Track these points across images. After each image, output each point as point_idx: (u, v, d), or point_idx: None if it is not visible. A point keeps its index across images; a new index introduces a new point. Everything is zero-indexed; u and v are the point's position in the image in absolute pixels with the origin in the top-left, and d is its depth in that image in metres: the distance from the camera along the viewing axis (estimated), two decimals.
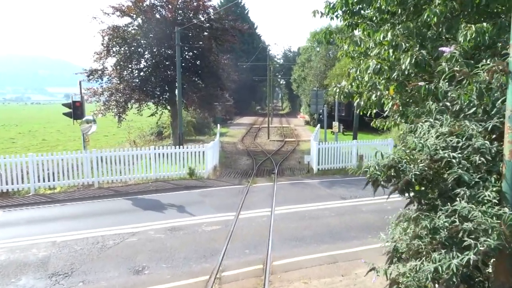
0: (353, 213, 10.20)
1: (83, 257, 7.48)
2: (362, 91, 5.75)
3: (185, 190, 12.82)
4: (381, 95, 5.12)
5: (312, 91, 26.04)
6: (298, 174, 15.91)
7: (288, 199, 11.53)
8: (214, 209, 10.52)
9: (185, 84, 20.83)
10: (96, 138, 33.62)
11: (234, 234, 8.59)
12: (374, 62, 4.45)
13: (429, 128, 3.75)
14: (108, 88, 19.49)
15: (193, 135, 29.19)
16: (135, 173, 13.71)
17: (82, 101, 13.01)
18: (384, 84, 4.72)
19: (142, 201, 11.61)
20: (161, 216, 10.04)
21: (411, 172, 3.37)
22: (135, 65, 21.58)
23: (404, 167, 3.44)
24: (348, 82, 5.94)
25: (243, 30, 23.80)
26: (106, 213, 10.37)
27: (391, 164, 3.51)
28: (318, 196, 12.02)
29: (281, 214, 10.08)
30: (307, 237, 8.45)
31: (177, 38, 17.82)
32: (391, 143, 17.09)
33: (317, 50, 44.01)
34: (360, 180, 14.81)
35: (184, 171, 14.26)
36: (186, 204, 11.11)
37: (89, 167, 12.96)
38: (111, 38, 20.41)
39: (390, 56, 4.43)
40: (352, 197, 11.80)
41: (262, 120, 52.53)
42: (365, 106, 5.57)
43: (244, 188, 12.91)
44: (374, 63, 4.45)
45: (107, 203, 11.38)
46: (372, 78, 4.85)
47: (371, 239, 8.36)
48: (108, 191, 12.54)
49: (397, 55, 4.36)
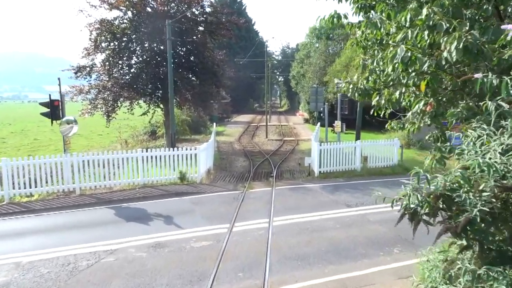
0: (360, 224, 9.12)
1: (49, 283, 6.37)
2: (379, 87, 4.66)
3: (175, 197, 11.71)
4: (407, 92, 4.02)
5: (312, 88, 24.91)
6: (298, 177, 14.81)
7: (288, 207, 10.44)
8: (206, 220, 9.43)
9: (178, 81, 19.70)
10: (90, 137, 32.53)
11: (227, 252, 7.50)
12: (403, 49, 3.35)
13: (486, 137, 2.67)
14: (95, 86, 18.31)
15: (188, 135, 28.03)
16: (121, 178, 12.59)
17: (61, 100, 11.89)
18: (414, 77, 3.61)
19: (127, 210, 10.50)
20: (146, 229, 8.93)
21: (475, 206, 2.27)
22: (125, 61, 20.41)
23: (462, 198, 2.34)
24: (363, 76, 4.84)
25: (240, 24, 22.65)
26: (84, 226, 9.26)
27: (441, 192, 2.41)
28: (321, 203, 10.94)
29: (280, 225, 8.99)
30: (310, 255, 7.36)
31: (168, 32, 16.67)
32: (397, 144, 16.01)
33: (316, 46, 42.86)
34: (365, 184, 13.78)
35: (175, 176, 13.15)
36: (175, 213, 10.02)
37: (70, 172, 11.84)
38: (100, 32, 19.24)
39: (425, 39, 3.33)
40: (358, 204, 10.73)
41: (260, 118, 51.39)
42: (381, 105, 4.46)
43: (240, 194, 11.82)
44: (403, 49, 3.35)
45: (87, 213, 10.27)
46: (397, 70, 3.73)
47: (383, 258, 7.31)
48: (90, 198, 11.43)
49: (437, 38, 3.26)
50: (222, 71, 22.35)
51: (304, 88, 43.24)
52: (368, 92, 4.58)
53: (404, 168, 15.68)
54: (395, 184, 13.41)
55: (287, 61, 73.46)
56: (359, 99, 4.70)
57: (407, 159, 16.95)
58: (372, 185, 13.13)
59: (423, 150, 19.83)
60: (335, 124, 17.91)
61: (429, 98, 3.62)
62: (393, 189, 12.82)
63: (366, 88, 4.54)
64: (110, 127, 23.85)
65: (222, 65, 22.46)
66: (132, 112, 20.62)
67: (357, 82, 4.59)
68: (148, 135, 27.22)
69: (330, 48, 38.33)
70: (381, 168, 15.58)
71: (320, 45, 40.52)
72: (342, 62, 32.51)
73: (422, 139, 20.34)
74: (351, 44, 5.75)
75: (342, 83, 5.28)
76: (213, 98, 22.03)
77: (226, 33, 21.80)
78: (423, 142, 20.22)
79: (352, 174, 14.81)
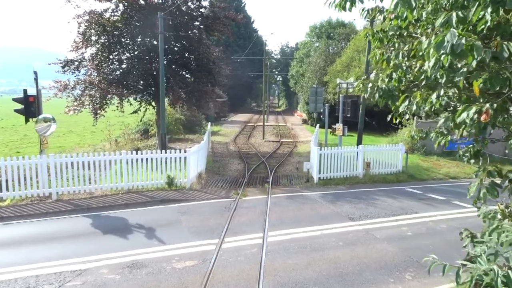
0: (366, 242, 8.11)
1: None
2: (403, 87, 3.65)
3: (160, 205, 10.68)
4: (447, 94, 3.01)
5: (311, 88, 23.88)
6: (296, 183, 13.80)
7: (285, 220, 9.43)
8: (192, 234, 8.39)
9: (171, 78, 18.63)
10: (82, 134, 31.43)
11: (213, 276, 6.47)
12: (455, 33, 2.34)
13: None
14: (82, 81, 17.18)
15: (182, 134, 26.97)
16: (103, 183, 11.55)
17: (38, 96, 10.82)
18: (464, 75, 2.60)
19: (106, 219, 9.46)
20: (123, 244, 7.89)
21: None
22: (116, 56, 19.31)
23: None
24: (385, 73, 3.82)
25: (237, 20, 21.57)
26: (55, 238, 8.21)
27: None
28: (321, 215, 9.93)
29: (275, 242, 7.97)
30: (310, 281, 6.34)
31: (160, 25, 15.62)
32: (402, 149, 15.03)
33: (316, 45, 41.81)
34: (368, 193, 12.76)
35: (162, 180, 12.11)
36: (159, 225, 8.98)
37: (46, 175, 10.78)
38: (89, 25, 18.13)
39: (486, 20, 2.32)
40: (362, 217, 9.73)
41: (257, 118, 50.37)
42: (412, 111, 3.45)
43: (232, 203, 10.80)
44: (455, 34, 2.33)
45: (61, 223, 9.21)
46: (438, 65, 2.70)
47: (394, 286, 6.29)
48: (66, 205, 10.37)
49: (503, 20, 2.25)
50: (218, 68, 21.29)
51: (303, 88, 42.23)
52: (392, 93, 3.58)
53: (408, 176, 14.74)
54: (400, 193, 12.45)
55: (286, 60, 72.44)
56: (380, 102, 3.69)
57: (411, 165, 15.99)
58: (375, 194, 12.17)
59: (428, 156, 18.86)
60: (336, 127, 16.88)
61: (483, 104, 2.62)
62: (398, 200, 11.89)
63: (390, 89, 3.54)
64: (104, 124, 22.80)
65: (218, 62, 21.40)
66: (122, 110, 19.55)
67: (377, 81, 3.60)
68: (140, 134, 26.14)
69: (330, 47, 37.30)
70: (384, 175, 14.60)
71: (321, 44, 39.50)
72: (343, 62, 31.54)
73: (427, 144, 19.38)
74: (365, 36, 4.74)
75: (353, 82, 4.26)
76: (207, 97, 20.93)
77: (223, 28, 20.74)
78: (428, 147, 19.24)
79: (354, 181, 13.82)
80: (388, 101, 3.64)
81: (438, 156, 18.34)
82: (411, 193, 12.53)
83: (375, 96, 3.61)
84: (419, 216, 9.93)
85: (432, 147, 18.96)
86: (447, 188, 13.41)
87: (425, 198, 11.85)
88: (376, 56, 4.45)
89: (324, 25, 45.26)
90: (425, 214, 10.07)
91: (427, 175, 15.22)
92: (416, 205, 10.94)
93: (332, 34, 39.17)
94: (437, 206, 10.94)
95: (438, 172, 15.80)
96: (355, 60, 29.98)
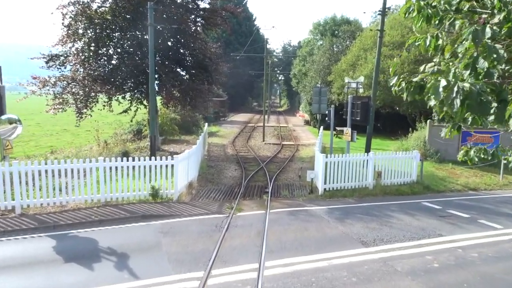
0: (385, 278, 6.57)
1: None
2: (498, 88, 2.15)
3: (141, 221, 9.18)
4: None
5: (315, 88, 22.33)
6: (299, 194, 12.28)
7: (285, 244, 7.91)
8: (172, 264, 6.88)
9: (163, 75, 17.14)
10: (76, 133, 29.84)
11: None
12: None
13: None
14: (63, 78, 15.68)
15: (177, 135, 25.46)
16: (77, 194, 10.05)
17: (1, 94, 9.32)
18: None
19: (72, 241, 7.97)
20: (85, 277, 6.38)
21: None
22: (104, 51, 17.83)
23: None
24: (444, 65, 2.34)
25: (236, 13, 20.06)
26: (2, 268, 6.70)
27: None
28: (328, 238, 8.41)
29: (273, 277, 6.44)
30: None
31: (150, 16, 14.12)
32: (417, 156, 13.50)
33: (320, 43, 40.22)
34: (381, 208, 11.10)
35: (146, 192, 10.62)
36: (134, 250, 7.49)
37: (9, 185, 9.28)
38: (74, 17, 16.66)
39: None
40: (377, 241, 8.20)
41: (258, 118, 48.85)
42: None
43: (225, 220, 9.30)
44: None
45: (18, 245, 7.70)
46: None
47: None
48: (30, 221, 8.86)
49: None
50: (215, 65, 19.75)
51: (306, 87, 40.65)
52: (481, 97, 2.09)
53: (424, 187, 13.21)
54: (417, 209, 10.90)
55: (288, 59, 70.84)
56: (459, 114, 2.19)
57: (426, 174, 14.43)
58: (389, 210, 10.66)
59: (442, 163, 17.29)
60: (344, 131, 15.34)
61: None
62: (416, 217, 10.25)
63: (479, 91, 2.06)
64: (100, 123, 21.32)
65: (216, 59, 19.87)
66: (111, 110, 18.08)
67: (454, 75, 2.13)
68: (132, 135, 24.64)
69: (335, 45, 35.72)
70: (397, 186, 13.06)
71: (325, 42, 37.90)
72: (349, 61, 29.98)
73: (440, 149, 17.82)
74: (406, 11, 3.27)
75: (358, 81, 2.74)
76: (203, 96, 19.41)
77: (221, 22, 19.26)
78: (442, 153, 17.67)
79: (363, 193, 12.29)
80: (477, 113, 2.15)
81: (453, 164, 16.77)
82: (429, 208, 11.00)
83: (455, 104, 2.11)
84: (444, 240, 8.40)
85: (446, 153, 17.40)
86: (469, 202, 11.88)
87: (447, 215, 10.32)
88: (426, 40, 2.95)
89: (328, 22, 43.70)
90: (450, 238, 8.55)
91: (444, 186, 13.67)
92: (438, 225, 9.41)
93: (336, 32, 37.60)
94: (462, 226, 9.41)
95: (455, 183, 14.25)
96: (361, 59, 28.42)
